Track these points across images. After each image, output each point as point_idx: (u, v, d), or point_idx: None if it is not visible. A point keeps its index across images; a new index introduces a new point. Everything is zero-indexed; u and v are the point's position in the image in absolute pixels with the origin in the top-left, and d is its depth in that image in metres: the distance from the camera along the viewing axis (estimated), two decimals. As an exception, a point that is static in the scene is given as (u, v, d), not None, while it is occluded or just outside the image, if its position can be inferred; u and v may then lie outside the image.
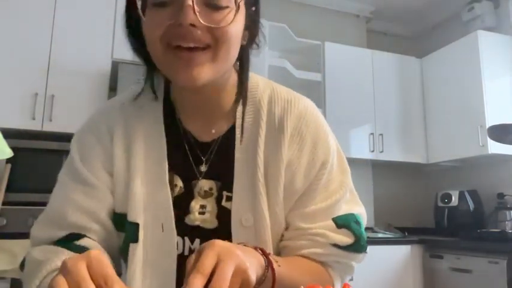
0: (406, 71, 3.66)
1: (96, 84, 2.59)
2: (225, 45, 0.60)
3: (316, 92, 3.41)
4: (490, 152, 2.98)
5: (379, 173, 3.73)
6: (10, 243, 2.09)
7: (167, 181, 0.67)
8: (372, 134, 3.42)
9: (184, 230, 0.67)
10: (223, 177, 0.69)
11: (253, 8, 0.67)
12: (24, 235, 2.19)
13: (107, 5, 2.68)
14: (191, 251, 0.67)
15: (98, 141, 0.69)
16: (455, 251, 2.79)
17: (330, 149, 0.71)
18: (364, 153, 3.37)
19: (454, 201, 3.24)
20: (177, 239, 0.66)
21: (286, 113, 0.69)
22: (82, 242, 0.65)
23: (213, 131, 0.71)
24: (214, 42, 0.59)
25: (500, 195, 3.09)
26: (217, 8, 0.59)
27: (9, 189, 2.23)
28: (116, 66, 2.59)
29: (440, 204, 3.34)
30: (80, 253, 0.61)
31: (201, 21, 0.57)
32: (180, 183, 0.69)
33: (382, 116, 3.48)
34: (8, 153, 1.57)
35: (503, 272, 2.43)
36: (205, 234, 0.67)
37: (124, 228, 0.67)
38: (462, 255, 2.73)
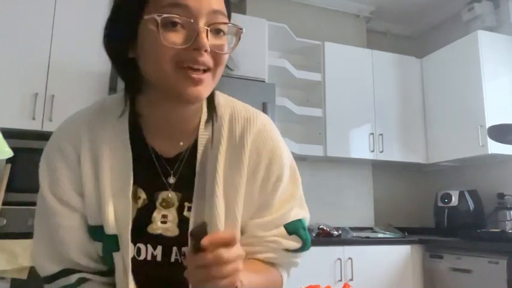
0: (406, 71, 3.66)
1: (96, 84, 2.59)
2: (220, 68, 0.68)
3: (316, 92, 3.42)
4: (490, 152, 2.98)
5: (379, 173, 3.73)
6: (10, 243, 2.09)
7: (130, 195, 0.71)
8: (372, 134, 3.42)
9: (147, 238, 0.73)
10: (186, 188, 0.74)
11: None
12: (24, 235, 2.19)
13: (107, 5, 2.67)
14: (153, 257, 0.73)
15: (67, 164, 0.73)
16: (455, 251, 2.79)
17: (283, 164, 0.79)
18: (364, 153, 3.37)
19: (454, 201, 3.23)
20: (140, 246, 0.72)
21: (246, 131, 0.76)
22: (76, 276, 0.74)
23: (181, 143, 0.76)
24: (214, 65, 0.66)
25: (500, 195, 3.09)
26: (219, 33, 0.66)
27: (9, 189, 2.23)
28: (116, 66, 2.58)
29: (440, 204, 3.34)
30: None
31: (211, 46, 0.64)
32: (143, 195, 0.74)
33: (382, 116, 3.48)
34: (8, 153, 1.57)
35: (503, 272, 2.43)
36: (166, 242, 0.73)
37: (100, 238, 0.72)
38: (462, 255, 2.73)
